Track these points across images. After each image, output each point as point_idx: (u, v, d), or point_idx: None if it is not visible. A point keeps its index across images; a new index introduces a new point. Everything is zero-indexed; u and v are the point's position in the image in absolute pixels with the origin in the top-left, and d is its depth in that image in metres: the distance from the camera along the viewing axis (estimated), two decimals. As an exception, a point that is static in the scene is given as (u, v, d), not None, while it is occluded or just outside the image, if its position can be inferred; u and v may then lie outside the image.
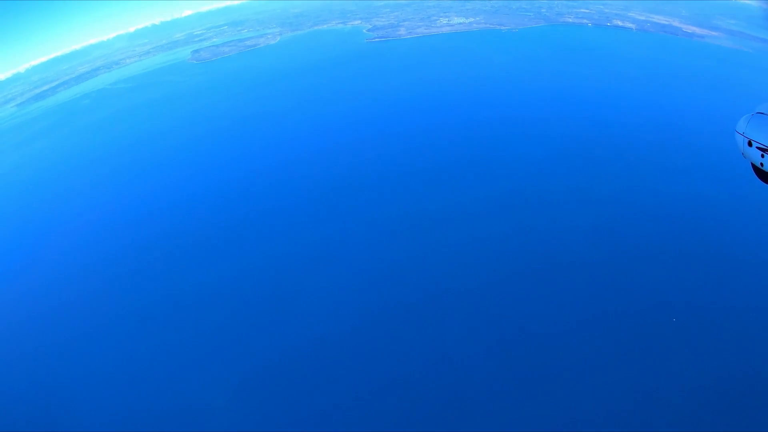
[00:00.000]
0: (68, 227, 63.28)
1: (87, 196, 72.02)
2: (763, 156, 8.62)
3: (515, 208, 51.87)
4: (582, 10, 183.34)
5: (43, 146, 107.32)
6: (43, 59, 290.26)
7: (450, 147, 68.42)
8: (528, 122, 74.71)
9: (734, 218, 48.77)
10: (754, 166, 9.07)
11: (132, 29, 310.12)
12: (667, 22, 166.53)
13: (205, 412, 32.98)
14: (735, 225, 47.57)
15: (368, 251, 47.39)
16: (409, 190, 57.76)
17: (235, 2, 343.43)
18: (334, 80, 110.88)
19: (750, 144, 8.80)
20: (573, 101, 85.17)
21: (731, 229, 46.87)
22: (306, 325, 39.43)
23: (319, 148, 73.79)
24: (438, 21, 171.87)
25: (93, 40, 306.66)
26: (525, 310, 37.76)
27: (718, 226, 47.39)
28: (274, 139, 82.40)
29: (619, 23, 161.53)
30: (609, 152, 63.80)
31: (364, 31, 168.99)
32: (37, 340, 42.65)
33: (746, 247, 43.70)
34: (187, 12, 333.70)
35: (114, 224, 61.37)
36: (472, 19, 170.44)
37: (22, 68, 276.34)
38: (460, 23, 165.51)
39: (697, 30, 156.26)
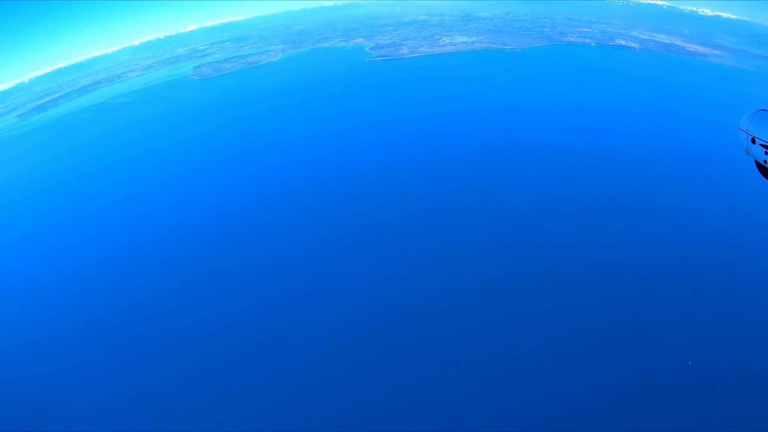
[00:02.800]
0: (63, 242, 62.75)
1: (82, 212, 71.46)
2: (767, 153, 8.51)
3: (516, 230, 51.62)
4: (585, 30, 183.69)
5: (41, 160, 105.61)
6: (48, 69, 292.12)
7: (452, 168, 67.39)
8: (532, 142, 74.03)
9: (745, 242, 48.27)
10: (757, 164, 9.01)
11: (137, 42, 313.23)
12: (669, 41, 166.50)
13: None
14: (746, 250, 47.03)
15: (364, 271, 47.64)
16: (407, 211, 57.34)
17: (239, 18, 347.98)
18: (334, 99, 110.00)
19: (753, 141, 8.73)
20: (578, 121, 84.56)
21: (742, 255, 46.32)
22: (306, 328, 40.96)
23: (316, 168, 72.58)
24: (441, 40, 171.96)
25: (97, 52, 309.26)
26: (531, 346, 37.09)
27: (727, 251, 46.89)
28: (270, 158, 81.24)
29: (622, 42, 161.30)
30: (615, 172, 63.68)
31: (367, 49, 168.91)
32: (28, 352, 42.86)
33: (758, 273, 43.51)
34: (192, 27, 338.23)
35: (108, 241, 60.77)
36: (474, 39, 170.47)
37: (26, 78, 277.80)
38: (463, 42, 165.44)
39: (700, 49, 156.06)
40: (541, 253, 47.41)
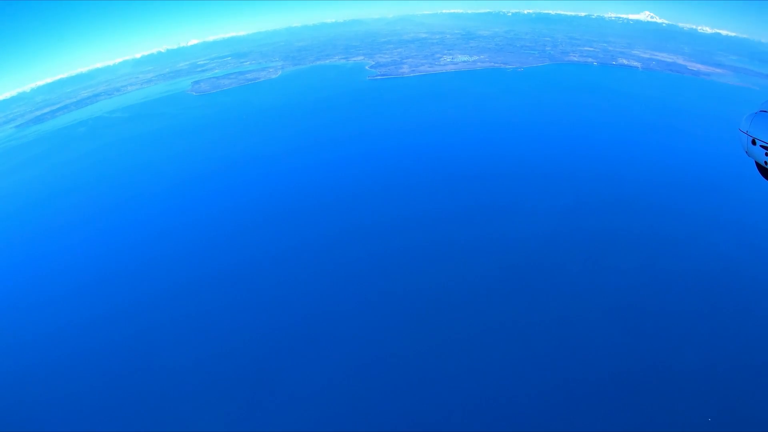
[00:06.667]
0: (53, 256, 62.05)
1: (73, 226, 70.52)
2: (767, 154, 8.45)
3: (517, 248, 50.90)
4: (587, 49, 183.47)
5: (33, 174, 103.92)
6: (49, 80, 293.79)
7: (455, 190, 65.80)
8: (540, 164, 72.76)
9: (758, 267, 46.60)
10: (758, 165, 8.92)
11: (138, 55, 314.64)
12: (671, 60, 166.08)
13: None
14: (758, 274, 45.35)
15: (362, 297, 46.44)
16: (405, 233, 56.26)
17: (241, 33, 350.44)
18: (331, 120, 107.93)
19: (754, 142, 8.68)
20: (581, 143, 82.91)
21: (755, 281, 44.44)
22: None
23: (312, 189, 70.49)
24: (442, 59, 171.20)
25: (99, 64, 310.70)
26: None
27: (737, 275, 45.29)
28: (265, 176, 79.61)
29: (625, 62, 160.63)
30: (620, 194, 62.95)
31: (367, 67, 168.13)
32: (24, 366, 42.25)
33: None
34: (194, 41, 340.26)
35: (99, 256, 60.25)
36: (476, 57, 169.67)
37: (27, 88, 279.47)
38: (464, 61, 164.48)
39: (702, 68, 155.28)
40: (545, 276, 45.98)
